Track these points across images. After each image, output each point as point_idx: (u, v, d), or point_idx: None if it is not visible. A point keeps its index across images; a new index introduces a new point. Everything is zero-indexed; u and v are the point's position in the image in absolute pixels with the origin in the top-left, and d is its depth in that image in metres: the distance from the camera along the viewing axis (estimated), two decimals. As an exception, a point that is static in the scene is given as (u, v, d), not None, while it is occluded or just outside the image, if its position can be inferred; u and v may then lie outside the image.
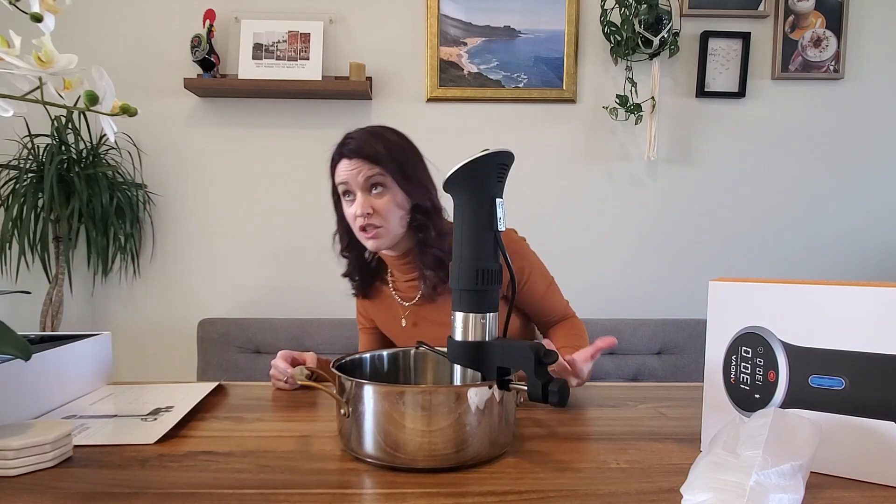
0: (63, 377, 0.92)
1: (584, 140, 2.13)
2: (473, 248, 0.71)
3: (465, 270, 0.71)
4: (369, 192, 1.06)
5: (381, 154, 1.05)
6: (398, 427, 0.67)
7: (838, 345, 0.64)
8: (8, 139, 1.97)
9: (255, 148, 2.11)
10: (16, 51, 0.63)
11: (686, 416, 0.88)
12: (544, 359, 0.66)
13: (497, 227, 0.71)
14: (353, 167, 1.05)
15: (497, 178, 0.72)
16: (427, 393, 0.69)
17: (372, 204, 1.05)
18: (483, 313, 0.72)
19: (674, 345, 1.99)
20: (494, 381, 0.71)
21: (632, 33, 1.99)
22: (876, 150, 2.17)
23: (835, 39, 2.10)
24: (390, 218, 1.06)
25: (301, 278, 2.13)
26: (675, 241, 2.18)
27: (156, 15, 2.06)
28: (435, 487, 0.63)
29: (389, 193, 1.06)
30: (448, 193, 0.74)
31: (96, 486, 0.63)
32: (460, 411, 0.68)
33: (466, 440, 0.68)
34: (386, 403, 0.68)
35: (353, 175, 1.05)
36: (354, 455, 0.71)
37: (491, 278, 0.71)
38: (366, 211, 1.04)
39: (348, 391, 0.71)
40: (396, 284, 1.19)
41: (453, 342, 0.74)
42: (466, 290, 0.71)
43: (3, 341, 0.68)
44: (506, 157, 0.72)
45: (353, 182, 1.05)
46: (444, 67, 2.08)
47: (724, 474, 0.52)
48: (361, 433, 0.69)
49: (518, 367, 0.70)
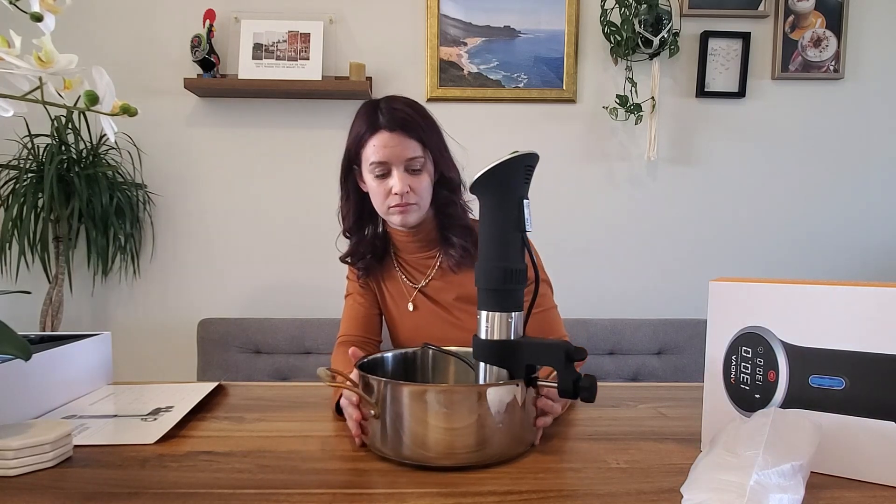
0: (63, 377, 0.92)
1: (584, 140, 2.13)
2: (501, 248, 0.72)
3: (493, 270, 0.72)
4: (408, 169, 1.01)
5: (424, 131, 1.02)
6: (435, 427, 0.67)
7: (838, 345, 0.64)
8: (8, 139, 1.97)
9: (255, 148, 2.11)
10: (16, 51, 0.63)
11: (686, 416, 0.88)
12: (574, 355, 0.68)
13: (525, 227, 0.72)
14: (396, 142, 0.99)
15: (524, 180, 0.73)
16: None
17: (409, 182, 1.01)
18: (509, 312, 0.73)
19: (674, 345, 1.99)
20: (523, 378, 0.72)
21: (632, 33, 1.99)
22: (876, 150, 2.17)
23: (835, 39, 2.10)
24: (425, 196, 1.04)
25: (301, 278, 2.13)
26: (675, 241, 2.18)
27: (156, 15, 2.06)
28: (435, 487, 0.63)
29: (426, 171, 1.03)
30: (473, 194, 0.75)
31: (96, 486, 0.63)
32: (494, 409, 0.69)
33: (495, 438, 0.69)
34: (433, 404, 0.68)
35: (396, 151, 0.99)
36: (381, 455, 0.71)
37: (518, 278, 0.72)
38: (405, 189, 1.00)
39: (377, 392, 0.70)
40: (405, 265, 1.14)
41: (480, 341, 0.74)
42: (494, 289, 0.72)
43: (3, 341, 0.68)
44: (533, 158, 0.73)
45: (394, 158, 1.00)
46: (444, 67, 2.08)
47: (724, 474, 0.52)
48: (398, 433, 0.69)
49: (547, 364, 0.72)
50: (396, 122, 0.99)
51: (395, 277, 1.15)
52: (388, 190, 1.01)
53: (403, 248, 1.13)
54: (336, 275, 1.23)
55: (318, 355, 1.94)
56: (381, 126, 1.00)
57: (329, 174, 2.11)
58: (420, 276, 1.13)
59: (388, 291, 1.16)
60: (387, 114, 1.00)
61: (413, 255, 1.13)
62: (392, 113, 1.00)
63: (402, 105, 1.02)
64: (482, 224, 0.74)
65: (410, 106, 1.03)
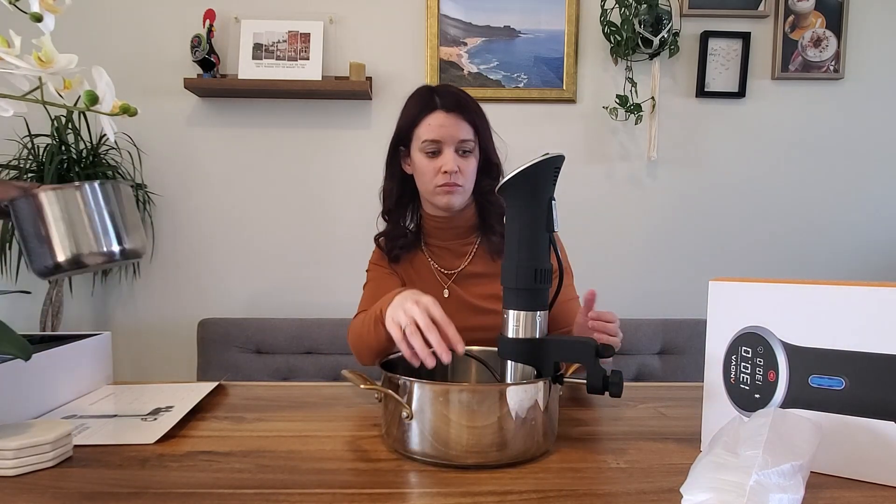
0: (63, 377, 0.92)
1: (584, 140, 2.13)
2: (531, 248, 0.73)
3: (522, 270, 0.73)
4: (459, 151, 1.06)
5: (477, 116, 1.08)
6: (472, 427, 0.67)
7: (838, 345, 0.64)
8: (8, 139, 1.97)
9: (255, 148, 2.11)
10: (16, 51, 0.63)
11: (686, 416, 0.88)
12: (603, 352, 0.70)
13: (553, 227, 0.74)
14: (451, 122, 1.05)
15: (552, 181, 0.74)
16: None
17: (459, 163, 1.06)
18: (536, 311, 0.74)
19: (674, 345, 1.99)
20: (551, 376, 0.72)
21: (632, 33, 1.99)
22: (876, 150, 2.17)
23: (835, 39, 2.10)
24: (471, 179, 1.09)
25: (301, 278, 2.13)
26: (675, 241, 2.18)
27: (156, 15, 2.06)
28: (435, 487, 0.63)
29: (474, 156, 1.09)
30: (501, 195, 0.76)
31: (96, 486, 0.63)
32: (526, 407, 0.69)
33: (526, 436, 0.70)
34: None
35: (450, 131, 1.05)
36: (409, 455, 0.71)
37: (546, 278, 0.74)
38: (455, 168, 1.05)
39: (410, 392, 0.70)
40: (438, 252, 1.16)
41: (506, 339, 0.75)
42: (524, 289, 0.73)
43: (3, 341, 0.68)
44: (561, 160, 0.74)
45: (448, 138, 1.05)
46: (444, 67, 2.08)
47: (724, 474, 0.52)
48: (429, 434, 0.69)
49: (576, 361, 0.74)
50: (453, 103, 1.06)
51: (426, 265, 1.16)
52: (438, 168, 1.06)
53: (438, 235, 1.15)
54: (336, 274, 1.23)
55: (318, 355, 1.94)
56: (438, 106, 1.06)
57: (329, 174, 2.12)
58: (456, 262, 1.15)
59: (420, 278, 1.16)
60: (445, 96, 1.07)
61: (450, 242, 1.15)
62: (450, 96, 1.07)
63: (457, 90, 1.10)
64: (510, 224, 0.75)
65: (464, 92, 1.11)
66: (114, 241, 0.70)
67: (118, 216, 0.70)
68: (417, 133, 1.07)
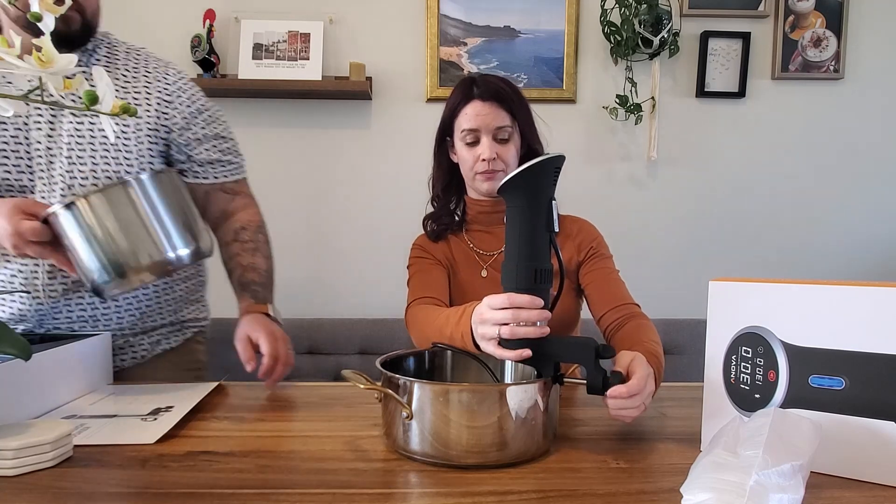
0: (63, 377, 0.92)
1: (584, 140, 2.13)
2: (532, 248, 0.74)
3: (522, 270, 0.73)
4: (496, 138, 1.08)
5: (515, 103, 1.10)
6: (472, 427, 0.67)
7: (838, 345, 0.64)
8: (8, 139, 1.97)
9: (255, 148, 2.10)
10: (16, 51, 0.63)
11: (686, 416, 0.88)
12: (603, 353, 0.70)
13: (553, 227, 0.74)
14: (487, 111, 1.07)
15: (553, 181, 0.74)
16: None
17: (497, 150, 1.08)
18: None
19: (674, 345, 1.99)
20: (551, 376, 0.72)
21: (632, 33, 1.99)
22: (876, 150, 2.17)
23: (835, 39, 2.10)
24: (511, 164, 1.10)
25: (302, 278, 2.12)
26: (675, 241, 2.18)
27: (156, 15, 2.06)
28: (434, 487, 0.63)
29: (513, 142, 1.11)
30: (500, 196, 0.76)
31: (96, 486, 0.63)
32: (526, 407, 0.69)
33: (526, 436, 0.70)
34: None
35: (487, 120, 1.07)
36: (409, 455, 0.71)
37: (546, 278, 0.74)
38: (492, 155, 1.07)
39: (410, 392, 0.70)
40: (479, 235, 1.19)
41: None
42: (525, 289, 0.73)
43: (3, 341, 0.68)
44: (561, 160, 0.74)
45: (484, 126, 1.07)
46: (444, 67, 2.08)
47: (724, 474, 0.52)
48: (429, 434, 0.68)
49: (576, 362, 0.73)
50: (489, 92, 1.08)
51: (465, 247, 1.19)
52: (477, 156, 1.08)
53: (481, 220, 1.18)
54: (337, 275, 1.23)
55: (318, 355, 1.94)
56: (475, 96, 1.08)
57: (329, 174, 2.12)
58: (496, 246, 1.17)
59: (461, 260, 1.19)
60: (482, 85, 1.08)
61: (492, 227, 1.18)
62: (486, 85, 1.08)
63: (495, 79, 1.11)
64: (510, 225, 0.75)
65: (504, 81, 1.12)
66: (180, 243, 0.61)
67: (178, 212, 0.61)
68: (457, 122, 1.10)
